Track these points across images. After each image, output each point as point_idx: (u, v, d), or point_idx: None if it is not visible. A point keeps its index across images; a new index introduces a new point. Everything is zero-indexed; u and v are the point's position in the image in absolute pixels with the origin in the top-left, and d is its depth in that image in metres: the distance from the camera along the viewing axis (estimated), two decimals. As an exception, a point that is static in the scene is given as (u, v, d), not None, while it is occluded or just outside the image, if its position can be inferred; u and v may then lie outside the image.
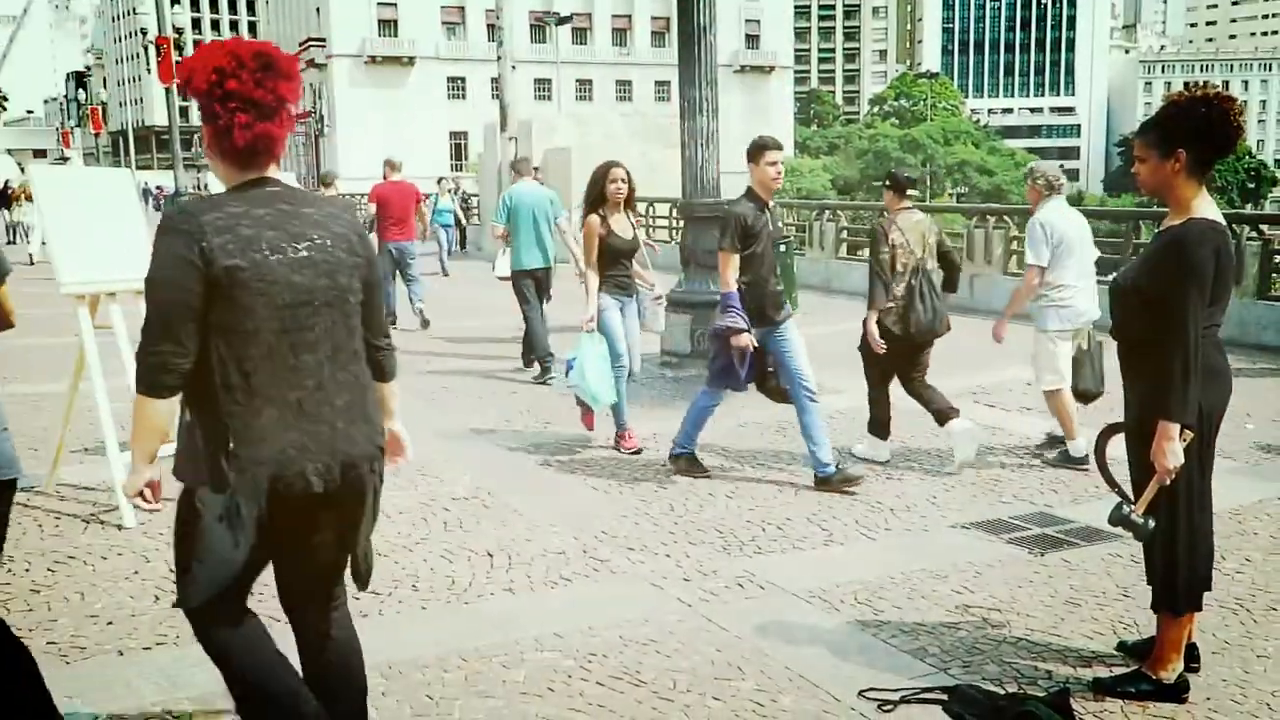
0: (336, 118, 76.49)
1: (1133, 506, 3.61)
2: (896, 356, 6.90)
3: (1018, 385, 9.28)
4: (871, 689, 3.79)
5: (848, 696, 3.77)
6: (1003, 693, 3.75)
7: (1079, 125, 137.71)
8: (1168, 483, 3.55)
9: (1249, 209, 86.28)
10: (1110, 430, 4.29)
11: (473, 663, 4.02)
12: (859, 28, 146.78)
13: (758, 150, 6.53)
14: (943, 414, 6.82)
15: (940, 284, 7.09)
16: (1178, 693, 3.73)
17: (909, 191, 7.11)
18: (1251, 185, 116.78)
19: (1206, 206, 3.59)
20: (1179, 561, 3.65)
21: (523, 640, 4.22)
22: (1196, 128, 3.54)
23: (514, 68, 22.82)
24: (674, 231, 20.75)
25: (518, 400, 8.94)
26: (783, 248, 9.51)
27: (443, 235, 22.27)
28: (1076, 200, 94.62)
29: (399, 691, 3.79)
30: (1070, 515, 5.86)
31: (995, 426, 7.83)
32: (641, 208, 21.36)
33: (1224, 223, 3.61)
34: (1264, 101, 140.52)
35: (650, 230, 21.32)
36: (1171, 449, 3.49)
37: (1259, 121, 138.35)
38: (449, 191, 24.80)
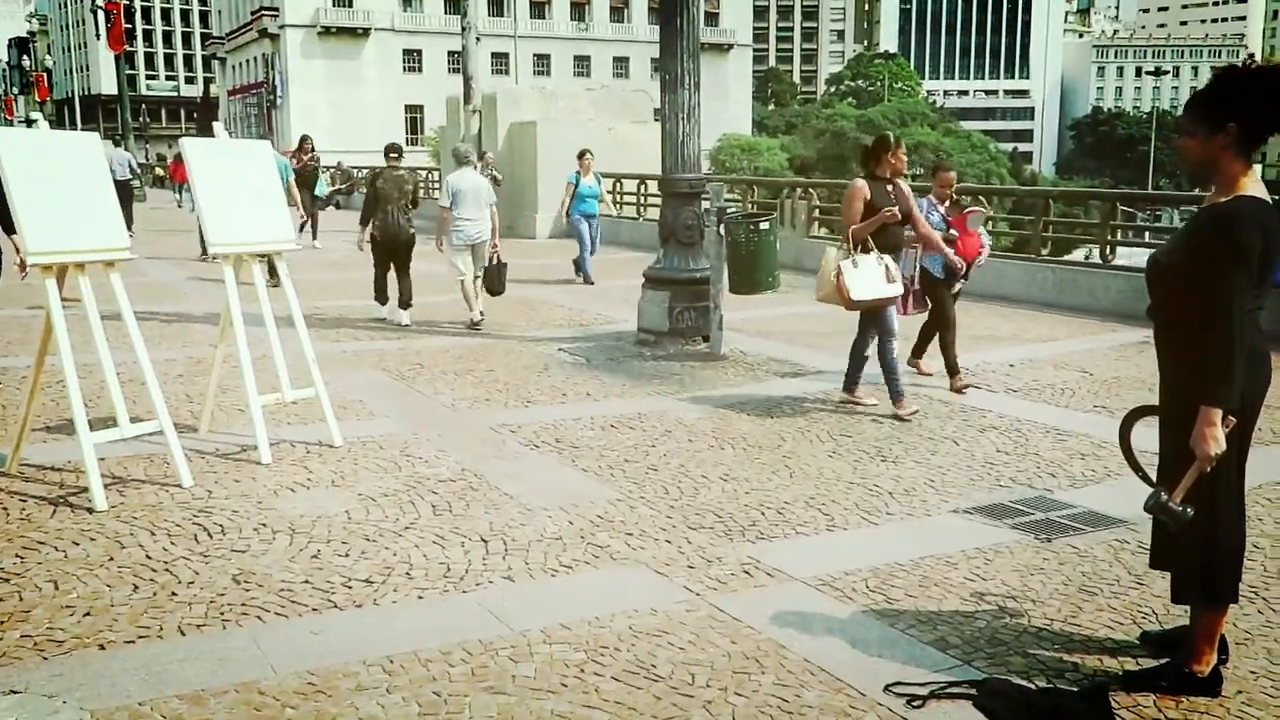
0: (289, 89, 75.14)
1: (1168, 495, 3.47)
2: (383, 251, 11.57)
3: (1001, 367, 9.21)
4: (898, 683, 3.65)
5: (873, 690, 3.62)
6: (1034, 687, 3.63)
7: (1033, 108, 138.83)
8: (1207, 470, 3.42)
9: (1197, 192, 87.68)
10: (1137, 413, 4.16)
11: (478, 656, 3.83)
12: (817, 7, 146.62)
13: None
14: (404, 301, 11.48)
15: (410, 213, 11.58)
16: (1212, 686, 3.62)
17: (390, 155, 11.95)
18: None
19: (1254, 184, 3.45)
20: (1218, 552, 3.54)
21: (529, 632, 4.02)
22: (1248, 101, 3.40)
23: (478, 40, 22.41)
24: (641, 208, 20.53)
25: (495, 378, 8.71)
26: (765, 225, 9.41)
27: (584, 228, 15.58)
28: (1031, 181, 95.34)
29: (404, 687, 3.58)
30: (1071, 500, 5.76)
31: (984, 409, 7.73)
32: (609, 184, 21.16)
33: (1271, 201, 3.48)
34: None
35: (619, 206, 21.11)
36: (1213, 435, 3.37)
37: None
38: (591, 170, 16.22)
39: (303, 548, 4.87)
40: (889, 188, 7.61)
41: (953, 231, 8.27)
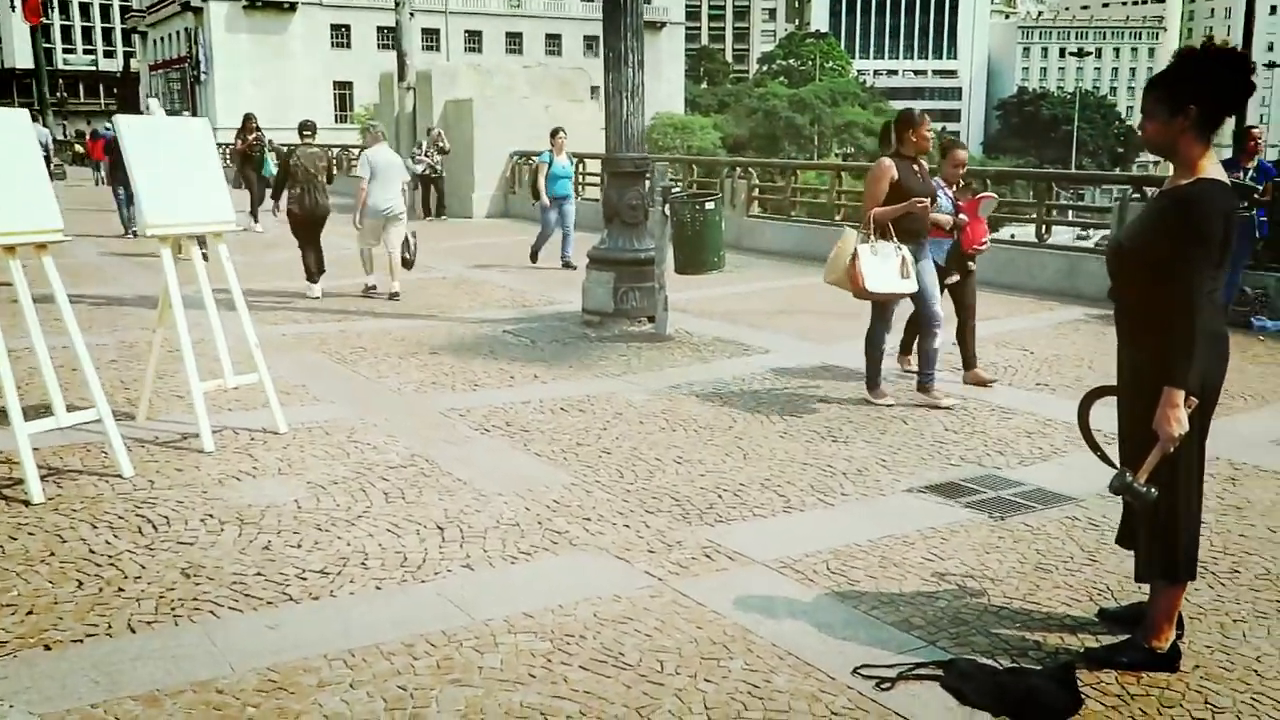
0: (214, 64, 73.36)
1: (1134, 475, 3.50)
2: (302, 227, 11.81)
3: (943, 346, 9.23)
4: (865, 666, 3.65)
5: (842, 674, 3.62)
6: (1001, 666, 3.65)
7: (960, 88, 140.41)
8: (1171, 450, 3.46)
9: (1117, 171, 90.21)
10: (1095, 394, 4.20)
11: (442, 648, 3.75)
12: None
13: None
14: (315, 271, 11.87)
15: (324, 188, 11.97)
16: (1171, 662, 3.68)
17: (305, 133, 12.37)
18: (1121, 150, 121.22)
19: (1213, 166, 3.48)
20: (1180, 531, 3.58)
21: (492, 622, 3.96)
22: (1207, 83, 3.42)
23: (412, 15, 22.03)
24: (579, 187, 20.35)
25: (440, 361, 8.58)
26: (710, 205, 9.39)
27: (552, 216, 14.96)
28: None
29: (368, 682, 3.50)
30: (1020, 478, 5.83)
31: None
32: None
33: (1229, 183, 3.51)
34: (1134, 70, 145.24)
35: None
36: (1177, 416, 3.40)
37: (1129, 89, 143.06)
38: (564, 149, 15.21)
39: (253, 539, 4.74)
40: (915, 168, 7.10)
41: (962, 217, 7.68)
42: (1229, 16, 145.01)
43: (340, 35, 78.21)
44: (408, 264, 11.83)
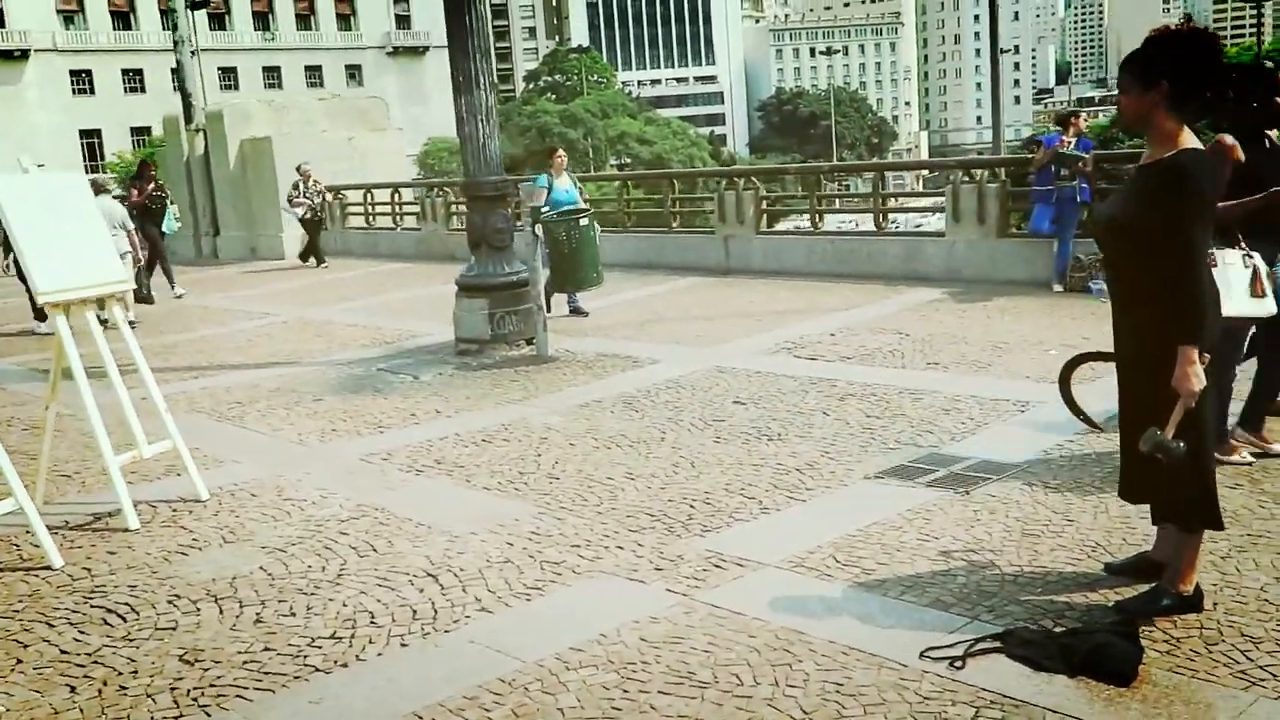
0: (-60, 119, 67.81)
1: (1162, 432, 3.68)
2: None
3: (823, 338, 9.57)
4: (931, 648, 3.72)
5: (912, 660, 3.67)
6: (1060, 630, 3.79)
7: (722, 92, 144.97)
8: (1192, 405, 3.67)
9: (876, 159, 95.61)
10: (1076, 361, 4.42)
11: (509, 695, 3.59)
12: (505, 4, 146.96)
13: None
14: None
15: None
16: (1198, 604, 3.91)
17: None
18: (875, 140, 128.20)
19: (1190, 138, 3.73)
20: (1205, 482, 3.81)
21: (544, 662, 3.81)
22: (1179, 61, 3.66)
23: (194, 54, 20.98)
24: (397, 218, 19.90)
25: (329, 407, 8.20)
26: (585, 220, 9.37)
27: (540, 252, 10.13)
28: (730, 162, 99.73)
29: (453, 743, 3.31)
30: (961, 453, 6.05)
31: (832, 379, 7.99)
32: (357, 195, 20.42)
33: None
34: (879, 64, 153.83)
35: (371, 218, 20.41)
36: (1195, 373, 3.61)
37: (876, 82, 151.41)
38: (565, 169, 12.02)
39: (238, 614, 4.41)
40: (1267, 141, 5.32)
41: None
42: (958, 8, 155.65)
43: (81, 81, 73.86)
44: (144, 299, 13.90)
